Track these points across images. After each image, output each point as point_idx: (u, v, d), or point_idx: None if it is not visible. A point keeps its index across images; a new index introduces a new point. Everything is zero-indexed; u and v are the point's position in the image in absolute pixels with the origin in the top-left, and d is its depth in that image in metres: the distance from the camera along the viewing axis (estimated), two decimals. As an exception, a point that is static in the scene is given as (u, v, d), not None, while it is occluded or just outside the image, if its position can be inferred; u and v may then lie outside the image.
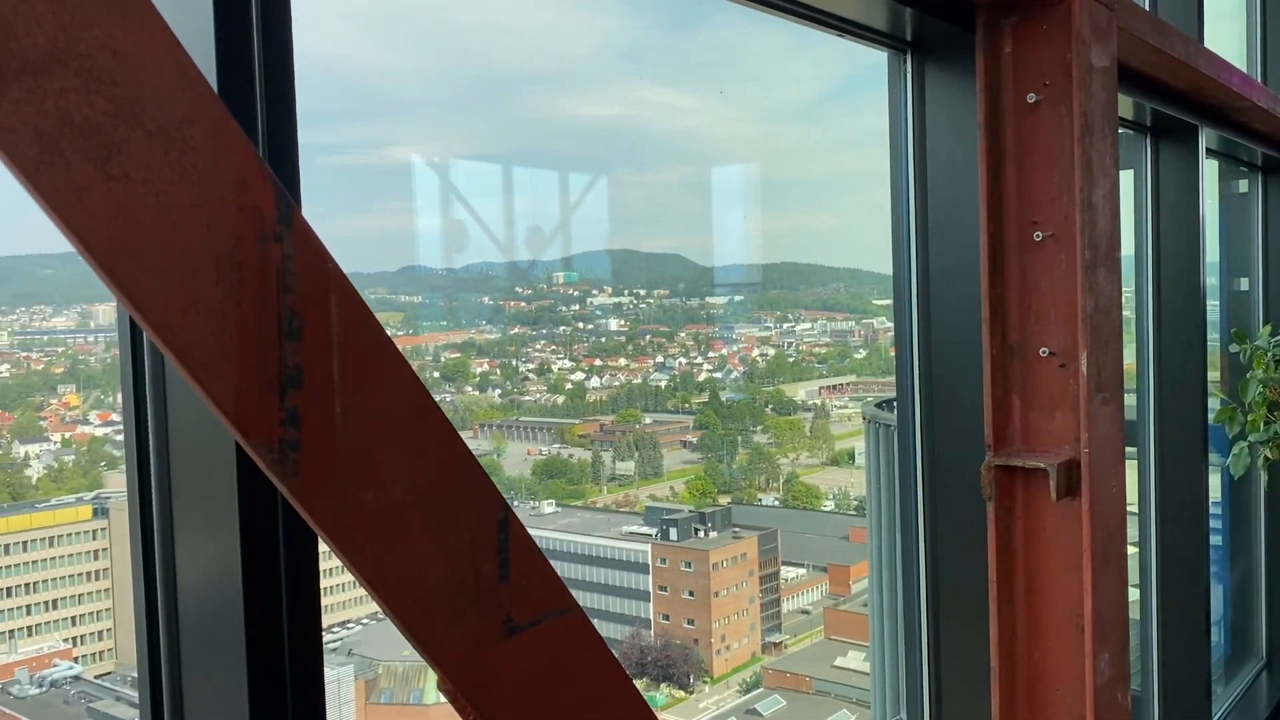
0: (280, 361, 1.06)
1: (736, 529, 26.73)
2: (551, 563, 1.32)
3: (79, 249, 0.94)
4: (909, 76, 2.90)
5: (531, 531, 1.33)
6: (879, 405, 7.58)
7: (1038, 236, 2.55)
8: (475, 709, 1.24)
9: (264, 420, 1.05)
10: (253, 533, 1.34)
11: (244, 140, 1.04)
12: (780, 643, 26.88)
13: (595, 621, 1.34)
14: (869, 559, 7.47)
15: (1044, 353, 2.56)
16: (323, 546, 1.35)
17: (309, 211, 1.32)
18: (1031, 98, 2.54)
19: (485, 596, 1.24)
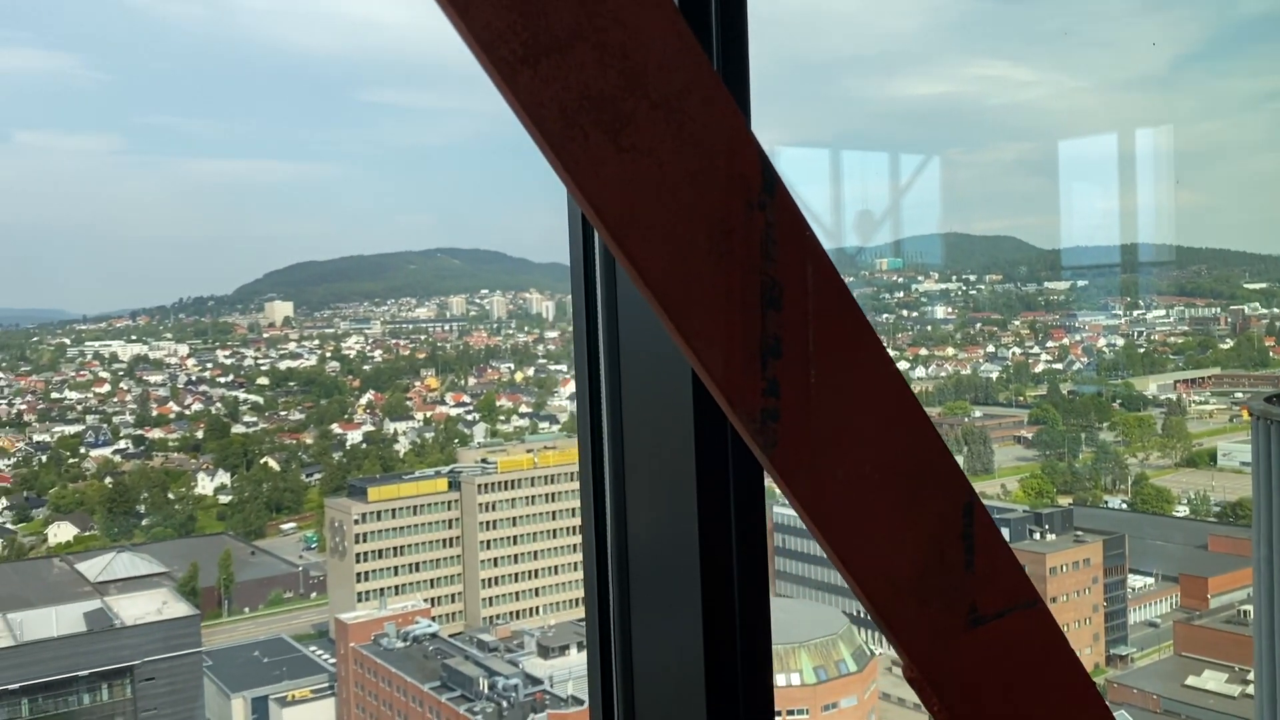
0: (762, 331, 1.05)
1: (1078, 532, 25.06)
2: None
3: (593, 219, 0.97)
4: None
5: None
6: (1269, 400, 6.78)
7: None
8: (940, 699, 1.19)
9: (748, 389, 1.05)
10: (709, 497, 1.36)
11: (734, 107, 1.03)
12: (1126, 656, 24.95)
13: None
14: (1254, 571, 6.73)
15: None
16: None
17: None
18: None
19: (951, 584, 1.18)
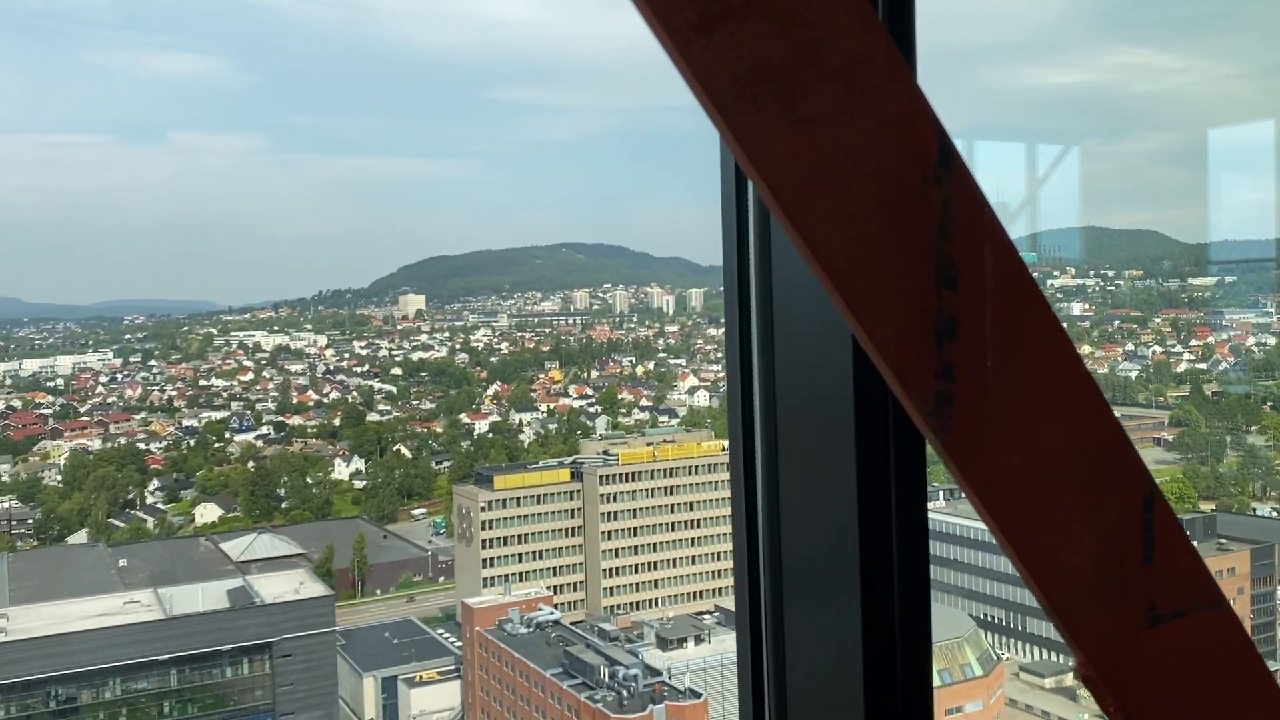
0: (937, 311, 1.02)
1: (1222, 540, 23.86)
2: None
3: (764, 193, 0.95)
4: None
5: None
6: None
7: None
8: (1114, 697, 1.14)
9: (922, 372, 1.01)
10: (869, 489, 1.32)
11: (909, 77, 1.00)
12: (1276, 672, 23.61)
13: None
14: None
15: None
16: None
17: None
18: None
19: (1129, 579, 1.13)
